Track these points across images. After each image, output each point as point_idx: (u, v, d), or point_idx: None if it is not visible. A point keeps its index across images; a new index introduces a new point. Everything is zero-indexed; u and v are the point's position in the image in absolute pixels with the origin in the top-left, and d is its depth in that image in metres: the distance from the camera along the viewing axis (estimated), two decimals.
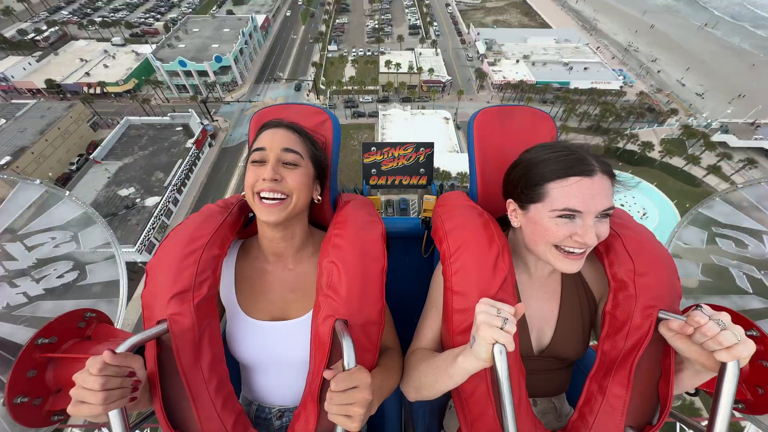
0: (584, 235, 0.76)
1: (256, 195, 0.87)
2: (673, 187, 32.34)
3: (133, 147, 32.61)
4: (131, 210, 27.28)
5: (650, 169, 34.20)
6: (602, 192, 0.77)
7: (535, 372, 0.95)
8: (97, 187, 28.86)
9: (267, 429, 1.02)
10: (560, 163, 0.79)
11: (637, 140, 34.30)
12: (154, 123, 34.77)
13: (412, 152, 1.42)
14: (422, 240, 1.42)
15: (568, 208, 0.77)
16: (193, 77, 41.00)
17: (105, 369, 0.64)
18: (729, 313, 0.70)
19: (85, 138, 34.99)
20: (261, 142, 0.91)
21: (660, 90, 46.63)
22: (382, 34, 55.31)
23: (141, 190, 28.75)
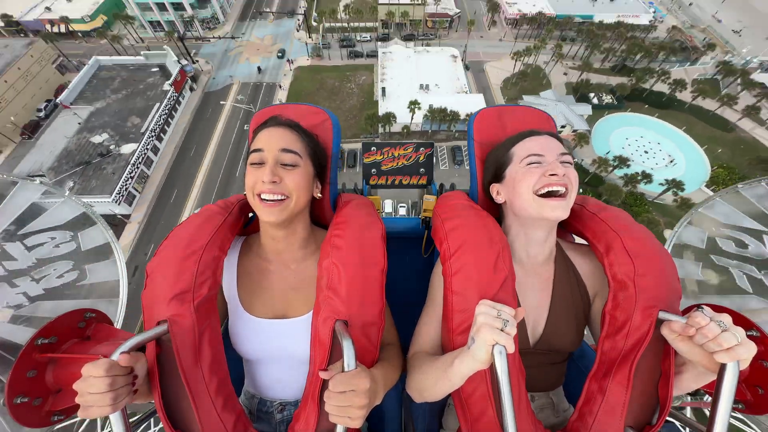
0: (554, 168, 0.87)
1: (256, 196, 0.87)
2: (703, 132, 29.34)
3: (104, 90, 29.36)
4: (106, 158, 24.81)
5: (679, 113, 30.95)
6: (555, 143, 0.93)
7: (532, 367, 0.95)
8: (67, 134, 26.18)
9: (268, 422, 1.04)
10: (518, 135, 1.00)
11: (668, 78, 30.61)
12: (126, 63, 31.07)
13: (412, 152, 1.42)
14: (422, 240, 1.43)
15: (532, 152, 0.92)
16: (168, 12, 36.21)
17: (112, 370, 0.64)
18: (729, 313, 0.72)
19: (51, 82, 31.32)
20: (259, 143, 0.91)
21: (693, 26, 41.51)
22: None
23: (116, 137, 26.06)
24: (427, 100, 27.20)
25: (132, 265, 21.93)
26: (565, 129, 27.44)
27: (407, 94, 28.21)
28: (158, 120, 27.10)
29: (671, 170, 26.29)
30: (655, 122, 30.74)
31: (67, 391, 0.87)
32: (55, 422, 0.86)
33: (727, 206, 1.40)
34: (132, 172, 24.05)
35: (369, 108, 28.78)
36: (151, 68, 30.82)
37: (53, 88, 30.96)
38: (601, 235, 0.92)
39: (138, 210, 24.19)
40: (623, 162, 23.83)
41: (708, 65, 34.61)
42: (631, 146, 28.71)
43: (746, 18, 43.31)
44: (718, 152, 27.43)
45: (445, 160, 26.76)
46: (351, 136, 28.45)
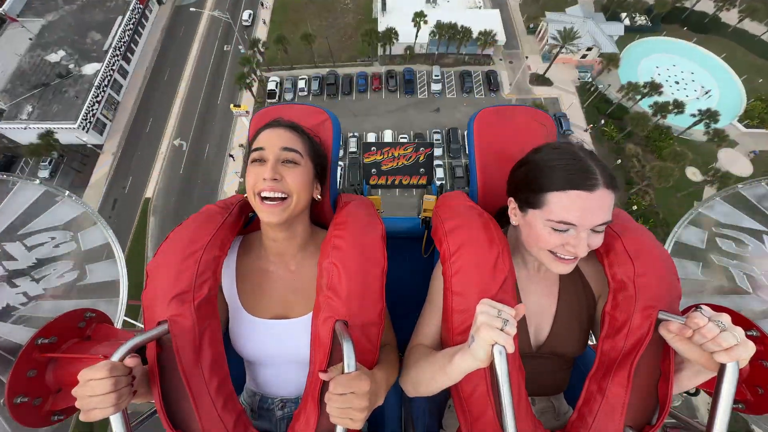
0: (576, 246, 0.78)
1: (257, 196, 0.87)
2: (745, 60, 25.97)
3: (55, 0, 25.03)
4: (66, 79, 21.78)
5: (721, 38, 27.19)
6: (600, 207, 0.77)
7: (535, 371, 0.95)
8: (17, 51, 22.85)
9: (269, 419, 1.05)
10: (564, 173, 0.79)
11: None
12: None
13: (412, 152, 1.41)
14: (422, 240, 1.42)
15: (564, 221, 0.78)
16: None
17: (114, 370, 0.65)
18: (729, 313, 0.72)
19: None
20: (260, 142, 0.91)
21: None
22: None
23: (75, 55, 22.85)
24: (435, 15, 23.33)
25: (110, 199, 20.32)
26: (591, 52, 24.03)
27: (411, 7, 24.14)
28: (122, 36, 23.57)
29: (704, 102, 23.57)
30: (692, 48, 27.14)
31: (67, 391, 0.87)
32: (55, 422, 0.86)
33: (727, 206, 1.38)
34: (98, 95, 21.34)
35: (367, 25, 24.67)
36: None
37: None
38: None
39: (111, 140, 21.92)
40: (655, 88, 21.08)
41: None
42: (662, 75, 25.59)
43: None
44: (759, 83, 24.43)
45: (453, 87, 23.77)
46: (346, 58, 25.07)
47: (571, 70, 24.63)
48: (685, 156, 19.07)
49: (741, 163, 21.57)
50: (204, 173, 20.94)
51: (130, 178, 20.70)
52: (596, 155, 0.81)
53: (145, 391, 0.77)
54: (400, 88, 23.56)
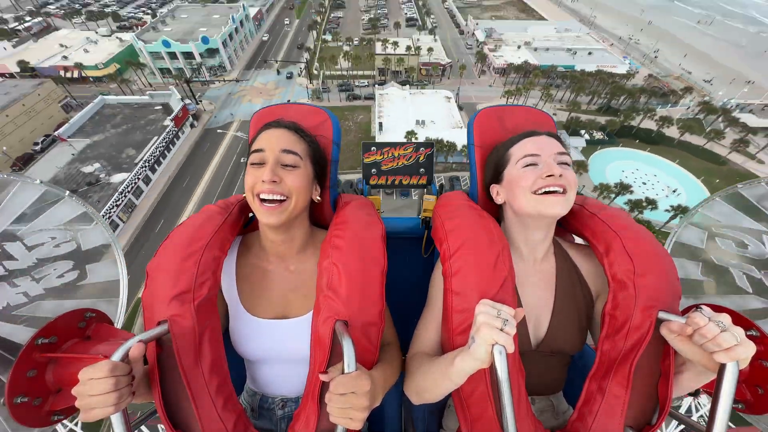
0: (551, 169, 0.86)
1: (256, 197, 0.87)
2: (697, 165, 29.94)
3: (105, 125, 29.84)
4: (94, 186, 24.13)
5: (670, 148, 31.82)
6: (552, 142, 0.91)
7: (534, 370, 0.95)
8: (58, 165, 25.84)
9: (270, 418, 1.05)
10: (516, 136, 0.99)
11: (654, 115, 31.99)
12: (131, 102, 32.04)
13: (412, 152, 1.41)
14: (422, 240, 1.42)
15: (528, 153, 0.91)
16: (178, 60, 38.63)
17: (115, 370, 0.65)
18: (729, 313, 0.72)
19: (54, 119, 32.03)
20: (260, 144, 0.90)
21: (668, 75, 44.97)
22: (379, 24, 53.78)
23: (108, 167, 25.78)
24: (424, 133, 27.67)
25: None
26: None
27: (404, 128, 28.91)
28: (154, 151, 27.11)
29: (674, 200, 25.86)
30: (648, 156, 31.39)
31: (67, 391, 0.86)
32: (55, 422, 0.85)
33: (727, 206, 1.38)
34: (118, 200, 23.24)
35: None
36: (154, 106, 31.77)
37: (54, 123, 31.46)
38: (601, 235, 0.92)
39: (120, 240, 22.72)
40: (625, 188, 23.48)
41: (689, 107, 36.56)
42: (629, 178, 28.86)
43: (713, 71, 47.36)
44: (716, 183, 27.39)
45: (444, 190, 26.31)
46: (348, 168, 28.45)
47: None
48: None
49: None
50: None
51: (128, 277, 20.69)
52: None
53: (145, 390, 0.77)
54: (396, 192, 26.01)
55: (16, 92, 30.19)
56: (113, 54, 39.56)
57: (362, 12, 61.94)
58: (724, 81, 44.52)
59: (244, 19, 46.13)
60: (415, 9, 61.93)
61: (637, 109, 33.40)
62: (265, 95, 38.05)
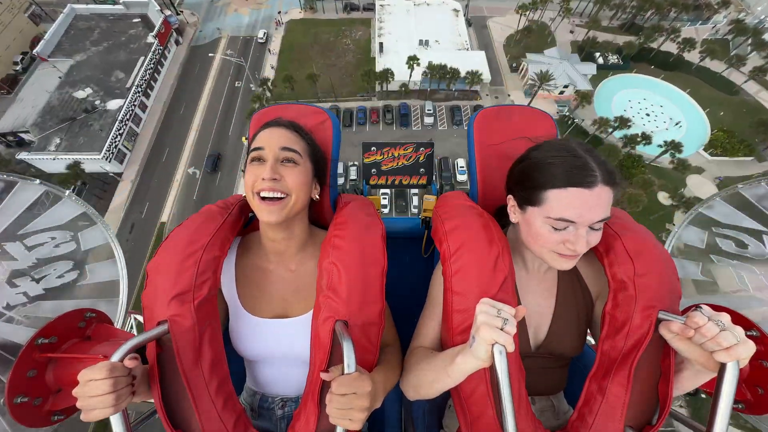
0: (575, 244, 0.78)
1: (255, 195, 0.87)
2: (708, 94, 28.62)
3: (84, 42, 27.77)
4: (92, 114, 23.89)
5: (685, 75, 30.05)
6: (599, 204, 0.77)
7: (533, 370, 0.94)
8: (48, 89, 25.06)
9: (270, 418, 1.05)
10: (562, 170, 0.78)
11: (678, 36, 29.39)
12: (105, 13, 29.23)
13: (412, 152, 1.41)
14: (422, 240, 1.42)
15: (563, 218, 0.77)
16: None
17: (114, 371, 0.65)
18: (729, 313, 0.71)
19: (26, 33, 29.52)
20: (259, 142, 0.91)
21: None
22: None
23: (100, 92, 25.04)
24: (427, 57, 26.02)
25: (128, 224, 21.85)
26: (568, 89, 26.64)
27: (406, 49, 26.95)
28: (144, 75, 25.89)
29: (672, 132, 25.96)
30: (660, 84, 29.94)
31: (67, 391, 0.86)
32: (55, 422, 0.86)
33: (727, 206, 1.38)
34: (120, 128, 23.33)
35: (366, 65, 27.47)
36: (132, 18, 28.97)
37: (28, 39, 29.22)
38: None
39: (130, 168, 23.77)
40: (624, 123, 23.41)
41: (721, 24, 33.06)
42: (633, 108, 28.14)
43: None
44: (721, 115, 26.96)
45: (444, 120, 26.12)
46: (347, 94, 27.47)
47: (550, 105, 27.02)
48: (651, 183, 21.07)
49: (708, 188, 23.58)
50: (216, 198, 22.54)
51: (147, 204, 22.27)
52: (596, 151, 0.80)
53: (145, 390, 0.77)
54: (396, 121, 25.84)
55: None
56: None
57: None
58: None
59: None
60: None
61: (661, 29, 30.42)
62: (252, 3, 33.61)
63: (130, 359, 0.68)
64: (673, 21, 32.38)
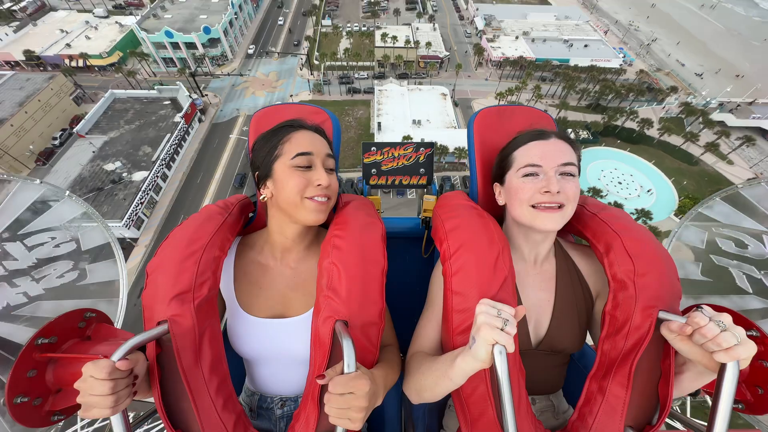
0: (549, 185, 0.85)
1: (303, 198, 0.89)
2: (671, 165, 32.22)
3: (118, 121, 31.49)
4: (118, 184, 26.45)
5: (648, 148, 34.02)
6: (558, 149, 0.88)
7: (533, 368, 0.95)
8: (81, 162, 27.92)
9: (269, 418, 1.05)
10: (524, 136, 0.96)
11: (636, 117, 33.97)
12: (140, 96, 33.46)
13: (412, 152, 1.42)
14: (422, 240, 1.42)
15: (529, 163, 0.89)
16: (180, 50, 39.17)
17: (114, 373, 0.65)
18: (730, 313, 0.71)
19: (68, 112, 33.50)
20: (305, 146, 0.91)
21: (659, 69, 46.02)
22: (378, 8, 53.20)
23: (128, 165, 27.86)
24: (419, 134, 29.72)
25: (138, 288, 22.96)
26: None
27: (401, 128, 30.80)
28: (168, 149, 29.03)
29: (644, 199, 28.65)
30: (627, 156, 33.70)
31: (67, 391, 0.87)
32: (55, 422, 0.86)
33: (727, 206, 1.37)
34: (142, 198, 25.63)
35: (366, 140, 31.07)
36: (163, 101, 33.22)
37: (69, 117, 33.10)
38: (601, 235, 0.93)
39: (146, 234, 25.51)
40: (597, 193, 26.17)
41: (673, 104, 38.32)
42: (606, 177, 31.35)
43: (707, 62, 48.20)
44: (684, 184, 30.06)
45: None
46: (349, 165, 30.45)
47: None
48: None
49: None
50: None
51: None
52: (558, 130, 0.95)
53: (146, 388, 0.77)
54: (393, 191, 28.57)
55: (30, 86, 31.47)
56: (115, 41, 39.92)
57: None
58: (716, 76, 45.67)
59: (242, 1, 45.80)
60: None
61: (621, 110, 35.23)
62: (268, 87, 38.98)
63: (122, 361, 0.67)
64: (632, 102, 37.48)
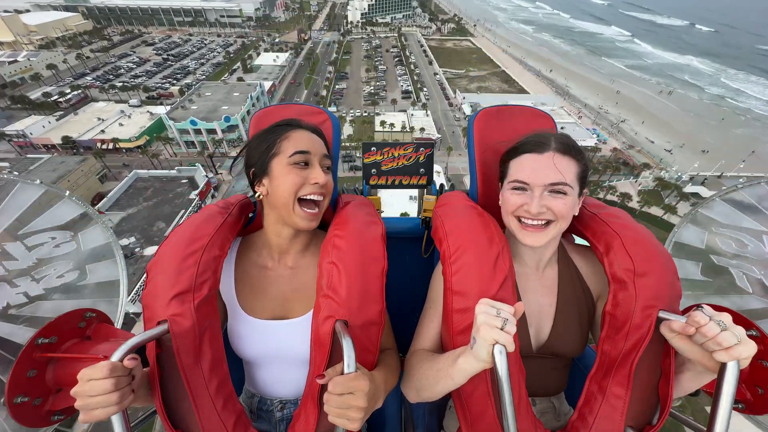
0: (530, 205, 0.85)
1: (296, 201, 0.89)
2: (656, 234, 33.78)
3: (138, 198, 33.90)
4: (129, 259, 27.61)
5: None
6: (550, 167, 0.85)
7: (535, 371, 0.95)
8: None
9: (269, 420, 1.05)
10: (523, 145, 0.91)
11: (615, 191, 36.83)
12: (161, 176, 36.52)
13: (412, 152, 1.43)
14: (422, 240, 1.43)
15: (517, 180, 0.88)
16: (201, 134, 44.10)
17: (115, 371, 0.65)
18: (730, 313, 0.70)
19: (92, 190, 36.19)
20: (302, 145, 0.91)
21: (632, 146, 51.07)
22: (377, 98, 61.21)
23: (141, 240, 29.35)
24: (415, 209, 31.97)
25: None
26: None
27: (399, 203, 33.25)
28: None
29: None
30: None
31: (67, 391, 0.87)
32: (55, 422, 0.86)
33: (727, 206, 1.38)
34: None
35: None
36: (181, 180, 36.28)
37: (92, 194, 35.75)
38: (601, 234, 0.93)
39: None
40: None
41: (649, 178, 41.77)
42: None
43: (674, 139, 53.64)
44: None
45: None
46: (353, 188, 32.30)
47: None
48: None
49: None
50: None
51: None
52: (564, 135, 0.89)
53: (144, 394, 0.77)
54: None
55: (62, 168, 34.57)
56: (144, 127, 45.14)
57: (363, 83, 69.85)
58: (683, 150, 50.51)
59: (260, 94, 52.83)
60: (410, 81, 70.19)
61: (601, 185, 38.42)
62: None
63: (130, 359, 0.68)
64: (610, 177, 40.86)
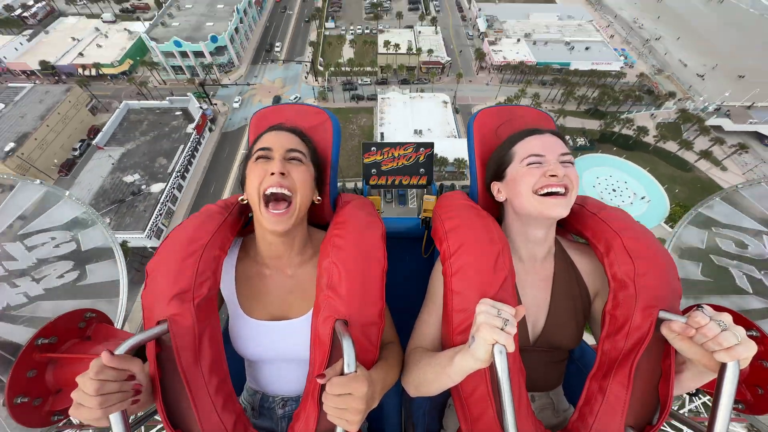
0: (555, 169, 0.88)
1: (262, 200, 0.87)
2: (665, 172, 33.09)
3: (134, 132, 32.94)
4: (138, 196, 28.21)
5: (644, 154, 34.88)
6: (554, 142, 0.94)
7: (532, 365, 0.96)
8: (102, 174, 29.64)
9: (270, 417, 1.06)
10: (519, 133, 1.01)
11: (632, 125, 34.83)
12: (153, 107, 34.79)
13: (412, 152, 1.43)
14: (422, 240, 1.43)
15: (532, 152, 0.93)
16: (189, 58, 40.35)
17: (101, 373, 0.64)
18: (730, 313, 0.70)
19: (85, 122, 34.99)
20: (266, 143, 0.91)
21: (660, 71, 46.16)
22: (380, 9, 53.62)
23: (146, 177, 29.47)
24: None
25: None
26: None
27: (403, 137, 32.02)
28: (182, 161, 30.63)
29: (636, 207, 29.83)
30: (623, 162, 34.68)
31: (67, 391, 0.87)
32: (54, 422, 0.86)
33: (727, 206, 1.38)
34: (161, 209, 27.35)
35: None
36: (174, 112, 34.62)
37: (86, 128, 34.70)
38: (601, 234, 0.93)
39: None
40: None
41: (672, 109, 38.96)
42: (601, 184, 32.41)
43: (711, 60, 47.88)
44: (676, 191, 31.13)
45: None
46: (353, 174, 31.67)
47: None
48: None
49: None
50: None
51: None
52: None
53: (149, 399, 0.76)
54: (395, 199, 30.06)
55: (49, 99, 32.97)
56: (125, 49, 41.19)
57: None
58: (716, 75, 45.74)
59: (246, 6, 46.51)
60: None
61: (618, 118, 36.05)
62: (275, 94, 40.30)
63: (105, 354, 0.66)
64: (630, 107, 38.21)
